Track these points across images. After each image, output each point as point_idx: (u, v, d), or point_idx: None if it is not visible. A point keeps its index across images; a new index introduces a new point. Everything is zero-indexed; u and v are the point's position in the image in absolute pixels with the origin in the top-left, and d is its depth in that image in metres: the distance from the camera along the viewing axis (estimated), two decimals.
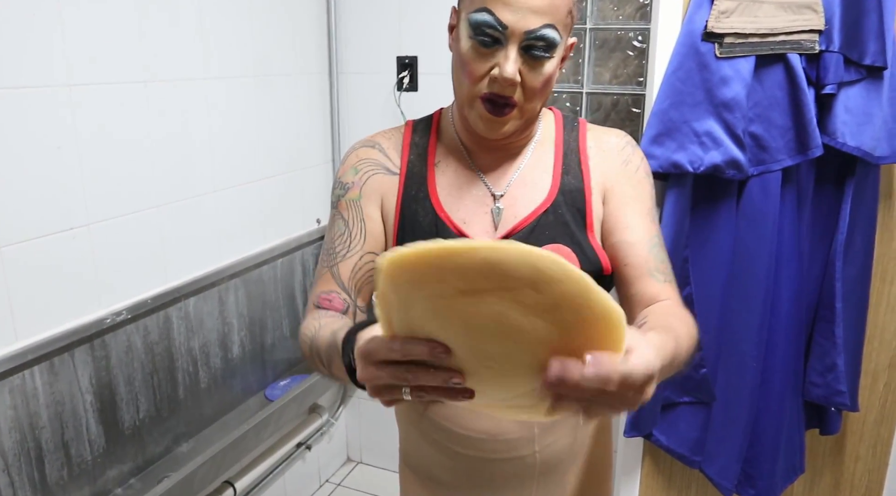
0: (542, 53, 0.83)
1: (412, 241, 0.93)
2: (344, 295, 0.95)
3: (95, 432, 1.50)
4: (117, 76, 1.48)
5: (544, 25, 0.82)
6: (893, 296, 1.60)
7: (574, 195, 0.95)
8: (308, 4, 2.05)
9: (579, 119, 1.03)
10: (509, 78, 0.82)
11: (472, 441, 0.98)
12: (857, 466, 1.72)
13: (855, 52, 1.37)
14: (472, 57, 0.85)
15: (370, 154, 1.00)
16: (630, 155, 0.99)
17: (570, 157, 0.98)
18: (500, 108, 0.86)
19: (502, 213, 0.95)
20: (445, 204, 0.95)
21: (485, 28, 0.82)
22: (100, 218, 1.48)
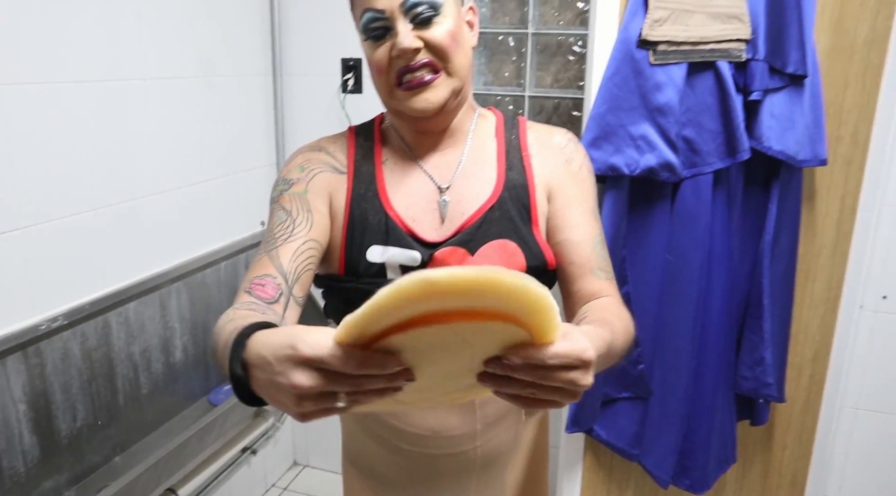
0: (429, 12, 0.87)
1: (362, 240, 0.94)
2: (280, 279, 0.89)
3: (29, 443, 1.46)
4: (52, 76, 1.43)
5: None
6: (816, 292, 1.68)
7: (518, 191, 0.97)
8: (251, 5, 2.03)
9: (519, 117, 1.05)
10: (406, 47, 0.86)
11: (416, 437, 1.00)
12: (785, 454, 1.81)
13: (778, 61, 1.44)
14: (373, 53, 0.90)
15: (317, 155, 1.01)
16: (572, 153, 1.02)
17: (512, 153, 1.00)
18: (421, 81, 0.89)
19: (448, 206, 0.97)
20: (394, 202, 0.97)
21: (371, 24, 0.89)
22: (34, 221, 1.43)
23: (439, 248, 0.94)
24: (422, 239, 0.95)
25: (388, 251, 0.94)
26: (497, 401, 0.96)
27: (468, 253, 0.94)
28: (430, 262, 0.93)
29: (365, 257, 0.95)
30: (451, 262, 0.93)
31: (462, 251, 0.94)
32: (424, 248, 0.95)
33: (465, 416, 0.99)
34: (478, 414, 0.99)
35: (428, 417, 0.99)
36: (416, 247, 0.94)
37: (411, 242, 0.94)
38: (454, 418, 0.99)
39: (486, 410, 1.00)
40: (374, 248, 0.95)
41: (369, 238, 0.95)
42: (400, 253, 0.94)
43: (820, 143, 1.51)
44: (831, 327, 1.70)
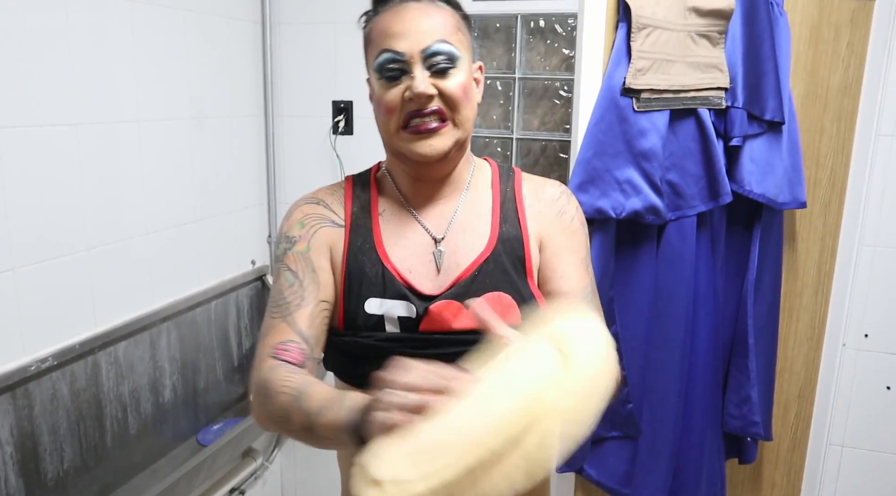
0: (447, 64, 0.91)
1: (360, 292, 0.95)
2: (303, 345, 0.92)
3: (15, 486, 1.44)
4: (46, 118, 1.46)
5: (437, 41, 0.90)
6: (800, 331, 1.72)
7: (512, 243, 0.98)
8: (244, 47, 2.08)
9: (514, 168, 1.08)
10: (421, 92, 0.89)
11: None
12: (774, 492, 1.82)
13: (756, 108, 1.50)
14: (384, 93, 0.92)
15: (315, 209, 1.02)
16: (565, 205, 1.04)
17: (507, 205, 1.02)
18: (428, 125, 0.91)
19: (444, 257, 0.98)
20: (391, 254, 0.98)
21: (388, 65, 0.91)
22: (25, 262, 1.44)
23: (435, 301, 0.95)
24: (418, 291, 0.96)
25: (386, 303, 0.95)
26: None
27: (463, 308, 0.94)
28: (426, 316, 0.94)
29: (363, 309, 0.96)
30: (446, 316, 0.94)
31: (457, 304, 0.94)
32: (420, 300, 0.96)
33: None
34: None
35: None
36: (412, 299, 0.95)
37: (408, 295, 0.95)
38: None
39: None
40: (372, 300, 0.96)
41: (367, 290, 0.96)
42: (397, 305, 0.95)
43: (799, 187, 1.56)
44: (816, 365, 1.73)
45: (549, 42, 2.01)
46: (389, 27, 0.91)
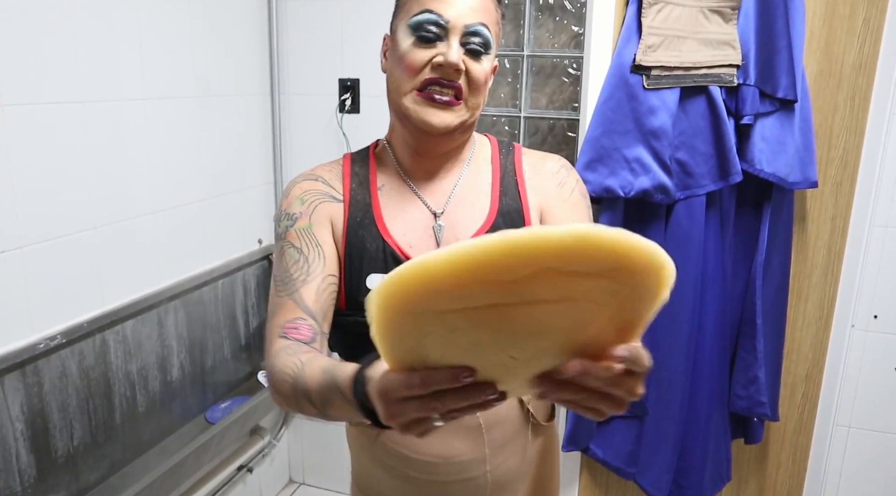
0: (480, 48, 0.90)
1: (360, 269, 0.93)
2: (311, 320, 0.91)
3: (26, 461, 1.46)
4: (53, 96, 1.45)
5: (481, 23, 0.89)
6: (809, 312, 1.70)
7: (513, 216, 0.98)
8: (250, 25, 2.06)
9: (514, 144, 1.07)
10: (454, 62, 0.88)
11: (425, 465, 0.99)
12: (780, 473, 1.82)
13: (769, 86, 1.47)
14: (412, 51, 0.90)
15: (314, 185, 1.01)
16: (565, 177, 1.03)
17: (507, 179, 1.01)
18: (444, 96, 0.90)
19: (443, 231, 0.97)
20: (391, 228, 0.97)
21: (427, 25, 0.89)
22: (33, 240, 1.44)
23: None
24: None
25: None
26: (504, 422, 0.98)
27: None
28: None
29: (365, 285, 0.95)
30: None
31: None
32: None
33: (474, 441, 0.98)
34: (486, 438, 0.99)
35: (435, 444, 0.98)
36: None
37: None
38: (462, 443, 0.98)
39: (493, 434, 0.99)
40: (374, 276, 0.95)
41: (368, 266, 0.96)
42: None
43: (810, 166, 1.54)
44: (824, 346, 1.72)
45: (558, 19, 1.98)
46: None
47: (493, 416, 0.98)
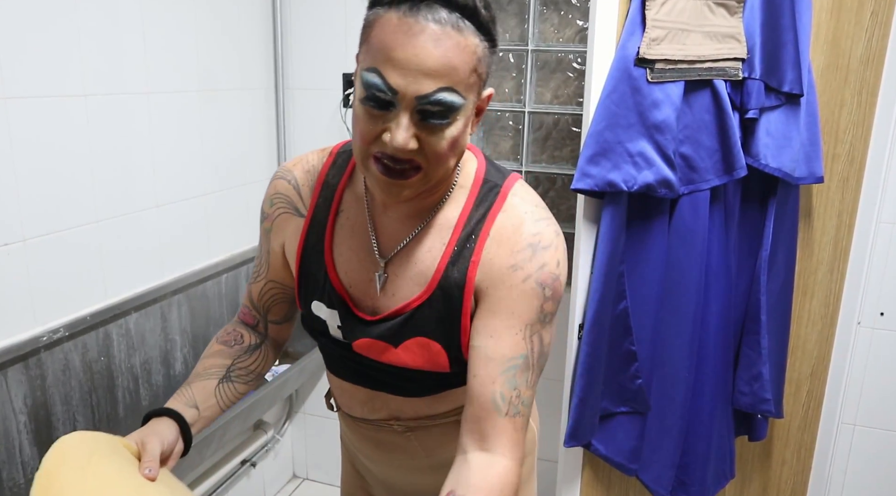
0: (440, 120, 0.76)
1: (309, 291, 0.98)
2: (254, 312, 1.09)
3: (29, 454, 1.46)
4: (56, 89, 1.46)
5: (439, 89, 0.73)
6: (814, 309, 1.69)
7: (453, 291, 0.87)
8: (254, 19, 2.06)
9: (505, 186, 0.89)
10: (399, 146, 0.75)
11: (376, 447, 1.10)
12: (784, 470, 1.81)
13: (774, 80, 1.46)
14: (364, 117, 0.77)
15: (285, 188, 0.99)
16: (526, 261, 0.85)
17: (465, 243, 0.88)
18: (398, 172, 0.78)
19: (386, 282, 0.92)
20: (337, 262, 0.94)
21: (374, 91, 0.74)
22: (36, 233, 1.45)
23: (366, 325, 0.93)
24: (353, 310, 0.93)
25: (328, 311, 0.96)
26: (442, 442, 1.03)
27: (391, 346, 0.92)
28: (353, 344, 0.95)
29: (311, 309, 0.98)
30: (373, 350, 0.93)
31: (383, 345, 0.92)
32: (353, 321, 0.94)
33: (415, 457, 1.06)
34: (420, 451, 1.05)
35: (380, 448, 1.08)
36: (346, 317, 0.94)
37: (344, 313, 0.94)
38: (400, 447, 1.06)
39: (429, 447, 1.05)
40: (316, 303, 0.97)
41: (312, 291, 0.97)
42: (335, 315, 0.95)
43: (816, 161, 1.53)
44: (829, 343, 1.71)
45: (562, 13, 1.97)
46: (392, 45, 0.73)
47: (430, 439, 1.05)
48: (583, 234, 1.61)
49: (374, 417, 1.03)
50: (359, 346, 0.94)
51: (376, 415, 1.03)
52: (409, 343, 0.91)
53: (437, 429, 1.03)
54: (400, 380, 0.96)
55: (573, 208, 1.68)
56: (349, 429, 1.12)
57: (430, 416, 1.01)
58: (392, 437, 1.05)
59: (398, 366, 0.93)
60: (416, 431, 1.03)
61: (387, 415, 1.02)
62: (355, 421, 1.07)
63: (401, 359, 0.92)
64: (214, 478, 2.00)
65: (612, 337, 1.59)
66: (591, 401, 1.61)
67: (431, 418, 1.01)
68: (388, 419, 1.02)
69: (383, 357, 0.93)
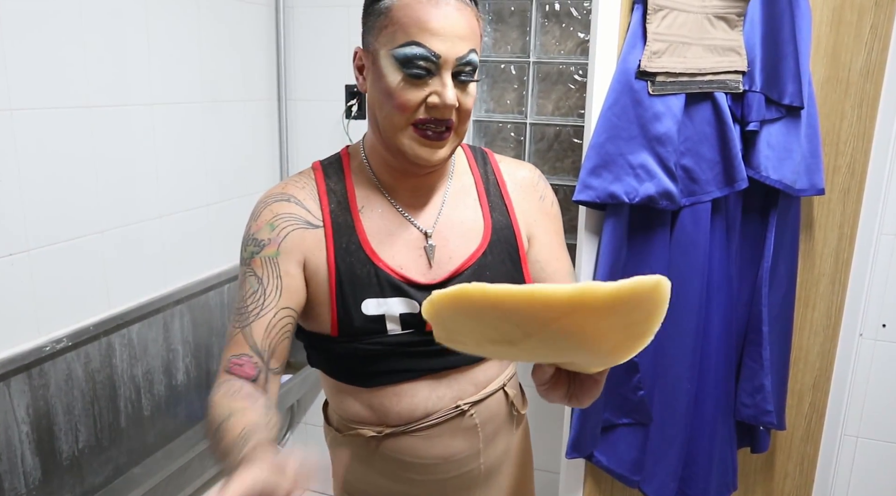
0: (470, 77, 0.88)
1: (353, 295, 0.93)
2: (256, 358, 0.90)
3: (31, 464, 1.47)
4: (60, 101, 1.47)
5: (471, 50, 0.86)
6: (816, 320, 1.69)
7: (506, 233, 0.99)
8: (257, 31, 2.08)
9: (484, 149, 1.08)
10: (451, 103, 0.85)
11: (425, 467, 1.01)
12: (786, 483, 1.80)
13: (775, 93, 1.47)
14: (404, 89, 0.85)
15: (287, 208, 0.95)
16: (544, 189, 1.06)
17: (492, 191, 1.01)
18: (438, 135, 0.88)
19: (435, 251, 0.95)
20: (380, 251, 0.94)
21: (417, 61, 0.84)
22: (40, 243, 1.46)
23: (439, 288, 0.91)
24: (416, 282, 0.94)
25: (384, 303, 0.93)
26: (495, 417, 1.02)
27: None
28: (421, 332, 0.94)
29: (361, 312, 0.93)
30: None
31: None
32: (419, 291, 0.94)
33: (470, 439, 1.01)
34: (480, 435, 1.02)
35: (437, 447, 0.99)
36: (412, 293, 0.93)
37: (407, 290, 0.93)
38: (461, 442, 1.01)
39: (486, 430, 1.03)
40: (369, 301, 0.93)
41: (361, 292, 0.92)
42: (396, 302, 0.93)
43: (817, 173, 1.53)
44: (831, 355, 1.71)
45: (564, 26, 1.99)
46: (426, 19, 0.83)
47: (486, 413, 1.02)
48: (584, 245, 1.62)
49: (440, 407, 0.98)
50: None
51: (442, 404, 0.98)
52: None
53: (492, 401, 1.03)
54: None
55: (575, 220, 1.68)
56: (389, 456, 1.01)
57: (485, 385, 1.02)
58: (452, 437, 0.99)
59: None
60: (478, 407, 1.01)
61: (451, 399, 0.99)
62: (408, 432, 0.98)
63: None
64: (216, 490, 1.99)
65: None
66: (592, 413, 1.60)
67: (486, 387, 1.02)
68: (452, 402, 0.99)
69: None
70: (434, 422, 0.99)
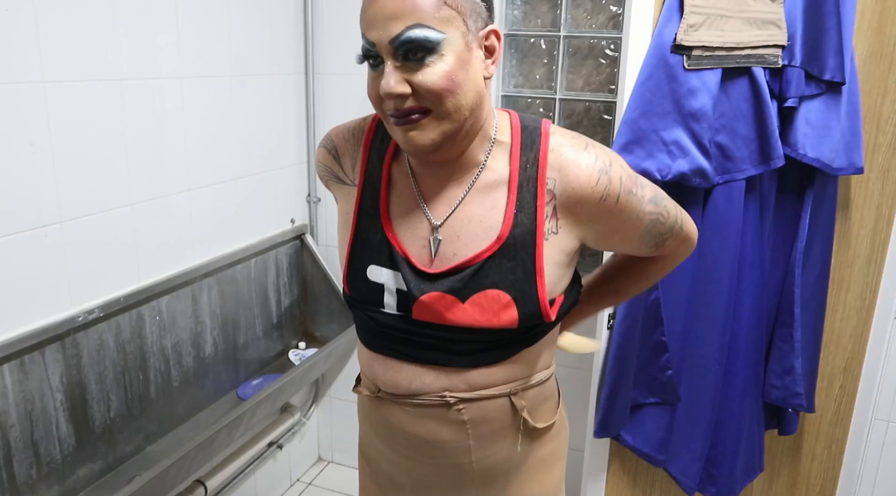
0: (420, 57, 0.79)
1: (362, 258, 0.95)
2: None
3: (66, 431, 1.50)
4: (92, 73, 1.47)
5: (407, 28, 0.78)
6: (849, 302, 1.66)
7: (525, 238, 0.90)
8: (285, 4, 2.06)
9: (542, 127, 0.92)
10: (387, 92, 0.80)
11: (415, 445, 1.01)
12: (813, 465, 1.79)
13: (815, 68, 1.42)
14: (371, 82, 0.85)
15: (325, 159, 1.03)
16: (606, 186, 0.89)
17: (525, 189, 0.90)
18: (406, 119, 0.82)
19: (440, 245, 0.92)
20: (395, 224, 0.94)
21: (366, 54, 0.83)
22: (72, 216, 1.47)
23: (432, 280, 0.92)
24: (417, 267, 0.92)
25: (385, 273, 0.93)
26: (492, 421, 0.98)
27: (458, 300, 0.90)
28: (416, 304, 0.91)
29: (366, 275, 0.94)
30: (438, 308, 0.91)
31: (451, 299, 0.90)
32: (415, 275, 0.92)
33: (457, 432, 0.98)
34: (470, 432, 0.98)
35: (422, 427, 0.99)
36: (408, 275, 0.92)
37: (405, 270, 0.92)
38: (447, 432, 0.98)
39: (480, 430, 0.98)
40: (373, 267, 0.94)
41: (369, 256, 0.94)
42: (396, 276, 0.93)
43: (856, 152, 1.49)
44: (864, 338, 1.68)
45: None
46: (364, 8, 0.82)
47: (479, 413, 0.97)
48: None
49: (425, 392, 0.96)
50: (423, 303, 0.91)
51: (427, 389, 0.96)
52: (477, 297, 0.90)
53: (490, 404, 0.97)
54: (457, 345, 0.93)
55: None
56: (384, 421, 1.03)
57: (482, 387, 0.96)
58: (439, 424, 0.98)
59: (460, 328, 0.91)
60: (469, 405, 0.96)
61: (438, 388, 0.96)
62: (397, 402, 0.99)
63: (467, 315, 0.90)
64: (242, 460, 2.03)
65: (643, 327, 1.57)
66: (622, 393, 1.60)
67: (483, 389, 0.97)
68: (439, 391, 0.96)
69: (448, 315, 0.90)
70: (418, 403, 0.98)
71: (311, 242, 2.26)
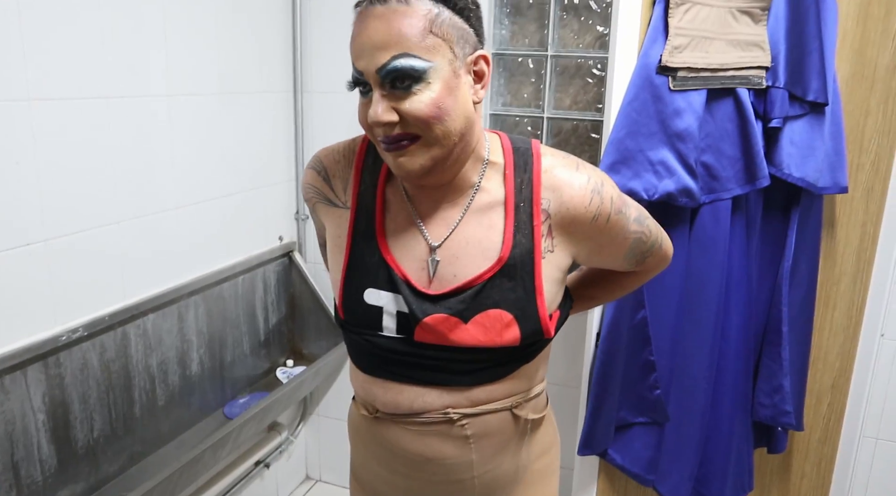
0: (408, 82, 0.80)
1: (359, 280, 0.94)
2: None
3: (47, 452, 1.47)
4: (79, 92, 1.47)
5: (393, 57, 0.79)
6: (836, 320, 1.67)
7: (524, 258, 0.91)
8: (274, 22, 2.07)
9: (532, 148, 0.95)
10: (374, 120, 0.82)
11: (414, 463, 1.00)
12: (803, 484, 1.78)
13: (799, 89, 1.44)
14: (361, 109, 0.86)
15: (315, 180, 1.01)
16: (598, 206, 0.92)
17: (522, 210, 0.92)
18: (395, 145, 0.84)
19: (438, 266, 0.92)
20: (391, 246, 0.94)
21: (356, 82, 0.84)
22: (57, 233, 1.46)
23: (433, 301, 0.91)
24: (418, 289, 0.92)
25: (384, 296, 0.92)
26: (495, 435, 0.98)
27: (461, 321, 0.91)
28: (419, 326, 0.91)
29: (363, 299, 0.93)
30: (441, 329, 0.91)
31: (454, 321, 0.91)
32: (418, 299, 0.91)
33: (460, 448, 0.97)
34: (473, 447, 0.98)
35: (423, 445, 0.98)
36: (409, 297, 0.91)
37: (407, 292, 0.91)
38: (449, 448, 0.97)
39: (482, 445, 0.98)
40: (371, 290, 0.93)
41: (366, 280, 0.93)
42: (395, 299, 0.92)
43: (840, 171, 1.51)
44: (851, 355, 1.68)
45: (583, 19, 1.96)
46: (353, 37, 0.83)
47: (483, 428, 0.97)
48: None
49: (427, 409, 0.95)
50: (427, 325, 0.90)
51: (430, 407, 0.95)
52: (479, 317, 0.90)
53: (493, 418, 0.97)
54: (459, 364, 0.93)
55: None
56: (382, 441, 1.01)
57: (484, 402, 0.96)
58: (442, 441, 0.97)
59: (462, 348, 0.91)
60: (472, 420, 0.96)
61: (441, 406, 0.95)
62: (398, 422, 0.98)
63: (469, 336, 0.90)
64: (228, 479, 2.00)
65: (631, 346, 1.57)
66: (604, 410, 1.59)
67: (485, 404, 0.97)
68: (442, 409, 0.95)
69: (451, 336, 0.90)
70: (421, 421, 0.97)
71: (300, 260, 2.25)
